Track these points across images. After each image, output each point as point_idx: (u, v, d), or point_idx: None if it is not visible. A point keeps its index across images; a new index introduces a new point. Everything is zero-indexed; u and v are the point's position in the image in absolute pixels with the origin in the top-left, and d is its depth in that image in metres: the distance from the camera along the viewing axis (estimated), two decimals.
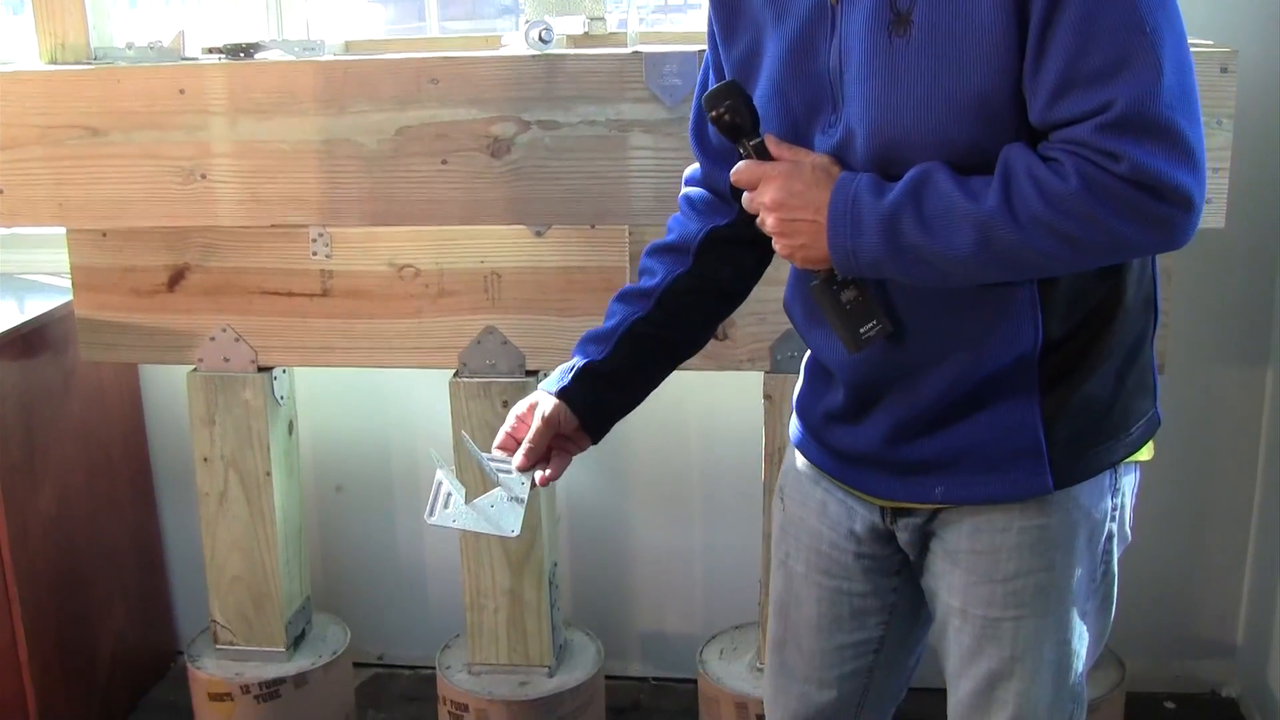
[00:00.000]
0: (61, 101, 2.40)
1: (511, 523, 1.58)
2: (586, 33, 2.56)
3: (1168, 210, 1.29)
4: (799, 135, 1.49)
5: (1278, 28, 2.63)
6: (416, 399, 3.02)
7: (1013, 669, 1.58)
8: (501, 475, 1.61)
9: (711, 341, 2.47)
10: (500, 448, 1.64)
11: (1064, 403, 1.49)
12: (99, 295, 2.62)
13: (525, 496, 1.60)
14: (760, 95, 1.52)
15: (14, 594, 2.65)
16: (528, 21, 2.36)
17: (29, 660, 2.70)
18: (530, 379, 2.54)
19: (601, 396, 1.66)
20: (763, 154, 1.47)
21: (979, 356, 1.47)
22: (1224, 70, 2.16)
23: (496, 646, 2.71)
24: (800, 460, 1.75)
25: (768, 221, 1.46)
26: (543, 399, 1.64)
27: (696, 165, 1.74)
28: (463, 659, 2.76)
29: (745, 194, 1.49)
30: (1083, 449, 1.52)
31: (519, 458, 1.61)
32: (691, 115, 1.72)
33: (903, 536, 1.65)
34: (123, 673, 3.07)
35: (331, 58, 2.46)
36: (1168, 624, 3.03)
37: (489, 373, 2.55)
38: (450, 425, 2.57)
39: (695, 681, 2.81)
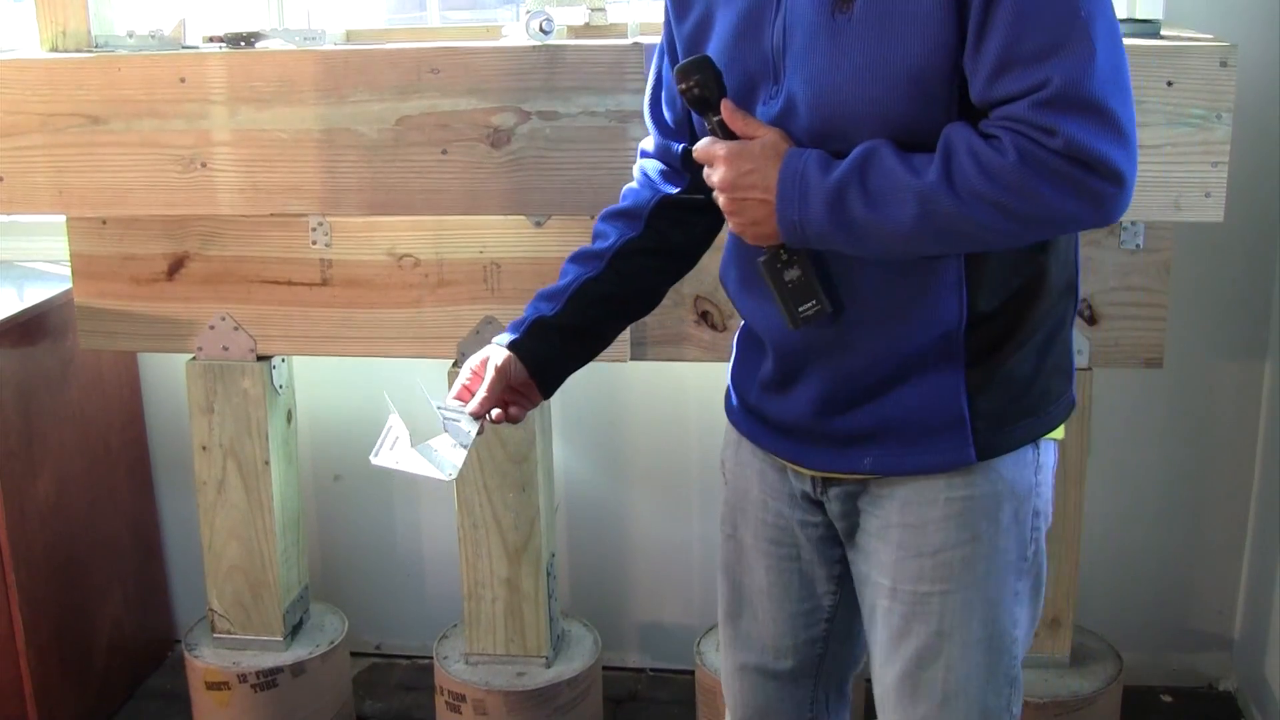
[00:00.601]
0: (62, 89, 2.40)
1: (451, 465, 1.63)
2: (587, 23, 2.56)
3: (1100, 184, 1.34)
4: (743, 105, 1.53)
5: (1278, 22, 2.63)
6: (415, 389, 3.01)
7: (941, 646, 1.60)
8: (450, 424, 1.66)
9: (710, 332, 2.49)
10: (456, 398, 1.70)
11: (988, 377, 1.53)
12: (98, 283, 2.63)
13: (470, 443, 1.65)
14: (725, 52, 1.57)
15: (11, 580, 2.66)
16: (528, 12, 2.36)
17: (26, 647, 2.70)
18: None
19: (552, 351, 1.71)
20: (725, 130, 1.51)
21: (907, 329, 1.52)
22: (1224, 64, 2.16)
23: (494, 637, 2.71)
24: (735, 433, 1.79)
25: (720, 200, 1.51)
26: (495, 351, 1.70)
27: (651, 138, 1.79)
28: (460, 649, 2.77)
29: (705, 169, 1.54)
30: (1004, 423, 1.56)
31: (473, 405, 1.66)
32: (648, 89, 1.77)
33: (833, 508, 1.68)
34: (120, 660, 3.07)
35: (332, 47, 2.46)
36: (1165, 617, 3.03)
37: None
38: None
39: (693, 672, 2.81)
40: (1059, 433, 1.63)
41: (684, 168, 1.72)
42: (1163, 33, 2.32)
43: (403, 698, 3.13)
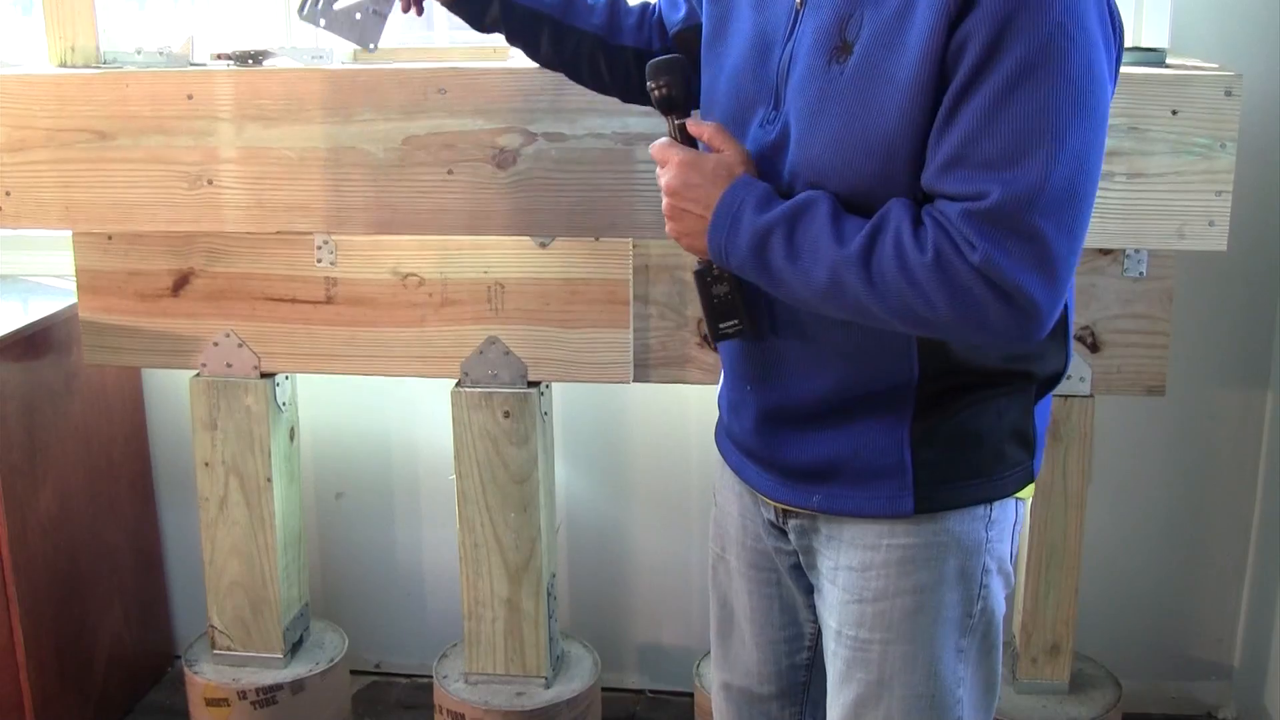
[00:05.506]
0: (70, 105, 2.41)
1: (372, 36, 1.70)
2: None
3: (1007, 311, 1.31)
4: (740, 120, 1.54)
5: None
6: (418, 408, 3.02)
7: (880, 694, 1.57)
8: None
9: (713, 355, 2.50)
10: None
11: (934, 429, 1.51)
12: (103, 298, 2.63)
13: (388, 12, 1.71)
14: (724, 72, 1.58)
15: (13, 594, 2.66)
16: None
17: (26, 661, 2.70)
18: (532, 390, 2.55)
19: None
20: (684, 134, 1.54)
21: (857, 374, 1.51)
22: (1229, 94, 2.17)
23: (494, 656, 2.71)
24: (720, 454, 1.79)
25: (663, 202, 1.52)
26: None
27: None
28: (460, 668, 2.77)
29: (658, 169, 1.55)
30: (950, 478, 1.53)
31: None
32: None
33: (793, 540, 1.67)
34: (120, 676, 3.07)
35: (339, 66, 2.47)
36: (1164, 645, 3.03)
37: (491, 383, 2.56)
38: (451, 434, 2.57)
39: (692, 695, 2.81)
40: (1024, 493, 1.59)
41: (657, 32, 1.81)
42: (1168, 61, 2.33)
43: (402, 716, 3.12)
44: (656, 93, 1.54)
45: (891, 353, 1.48)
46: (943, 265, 1.31)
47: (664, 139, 1.54)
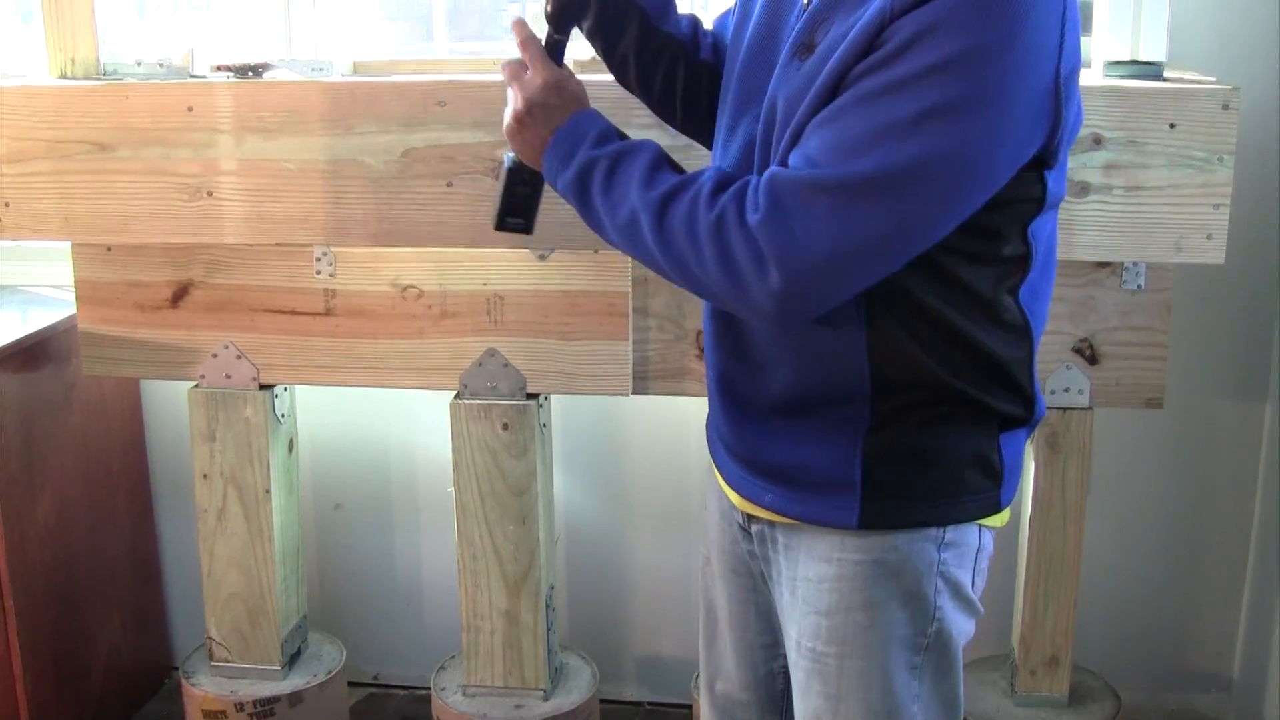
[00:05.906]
0: (70, 116, 2.41)
1: None
2: (594, 58, 2.57)
3: (758, 283, 1.31)
4: (739, 113, 1.55)
5: (1278, 65, 2.64)
6: (417, 419, 3.02)
7: (836, 708, 1.56)
8: None
9: None
10: None
11: (890, 445, 1.48)
12: (102, 309, 2.63)
13: None
14: (737, 65, 1.58)
15: (10, 605, 2.65)
16: None
17: (23, 672, 2.69)
18: (531, 402, 2.55)
19: None
20: (555, 50, 1.60)
21: (809, 373, 1.49)
22: (1226, 107, 2.17)
23: (492, 668, 2.71)
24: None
25: (514, 108, 1.55)
26: None
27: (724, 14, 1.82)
28: (458, 680, 2.76)
29: (513, 66, 1.57)
30: (903, 496, 1.50)
31: None
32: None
33: (754, 545, 1.66)
34: (117, 687, 3.07)
35: (339, 78, 2.48)
36: (1164, 656, 3.03)
37: (490, 395, 2.56)
38: (450, 445, 2.57)
39: (690, 707, 2.80)
40: (994, 520, 1.56)
41: (712, 50, 1.77)
42: (1165, 75, 2.33)
43: None
44: (550, 6, 1.58)
45: (840, 355, 1.46)
46: (721, 225, 1.33)
47: (537, 48, 1.56)
